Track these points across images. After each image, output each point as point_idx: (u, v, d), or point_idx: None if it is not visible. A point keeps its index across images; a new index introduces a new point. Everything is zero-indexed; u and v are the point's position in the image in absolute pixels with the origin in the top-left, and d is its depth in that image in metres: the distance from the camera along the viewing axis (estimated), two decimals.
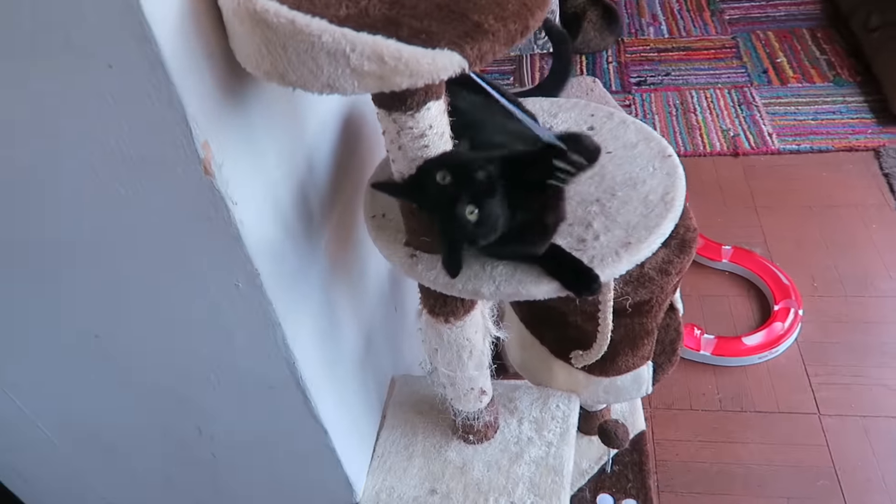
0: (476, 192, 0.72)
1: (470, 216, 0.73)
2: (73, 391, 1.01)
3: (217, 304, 0.83)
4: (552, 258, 0.84)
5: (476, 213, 0.73)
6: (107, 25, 0.58)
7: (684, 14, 3.13)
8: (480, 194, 0.72)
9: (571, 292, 0.82)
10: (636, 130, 1.02)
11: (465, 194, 0.72)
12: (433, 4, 0.61)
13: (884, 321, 1.76)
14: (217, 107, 0.68)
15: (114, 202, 0.73)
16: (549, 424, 1.20)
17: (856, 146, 2.30)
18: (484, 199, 0.72)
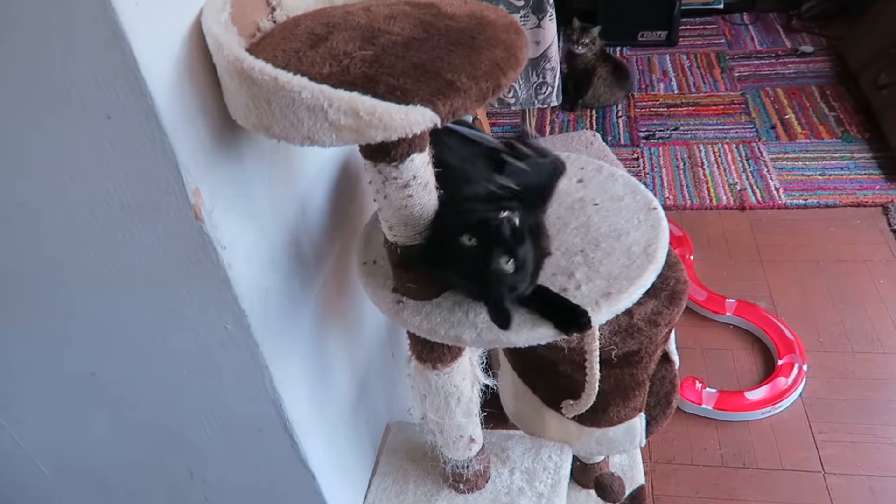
0: (507, 244, 0.75)
1: (507, 266, 0.75)
2: (70, 428, 1.04)
3: (207, 345, 0.85)
4: (540, 298, 0.86)
5: (512, 263, 0.76)
6: (106, 80, 0.62)
7: (694, 71, 3.19)
8: (511, 245, 0.75)
9: (561, 330, 0.83)
10: (624, 184, 1.05)
11: (497, 249, 0.75)
12: (410, 64, 0.65)
13: (891, 378, 1.73)
14: (209, 155, 0.72)
15: (111, 245, 0.76)
16: (540, 475, 1.20)
17: (864, 202, 2.30)
18: (515, 249, 0.75)
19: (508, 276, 0.76)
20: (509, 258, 0.75)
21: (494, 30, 0.70)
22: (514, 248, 0.75)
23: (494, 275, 0.76)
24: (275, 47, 0.71)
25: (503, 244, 0.75)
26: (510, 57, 0.67)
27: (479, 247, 0.76)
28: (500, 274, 0.75)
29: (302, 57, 0.68)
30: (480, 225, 0.76)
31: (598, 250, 0.93)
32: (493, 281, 0.77)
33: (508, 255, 0.75)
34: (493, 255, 0.75)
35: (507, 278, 0.76)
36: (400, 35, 0.69)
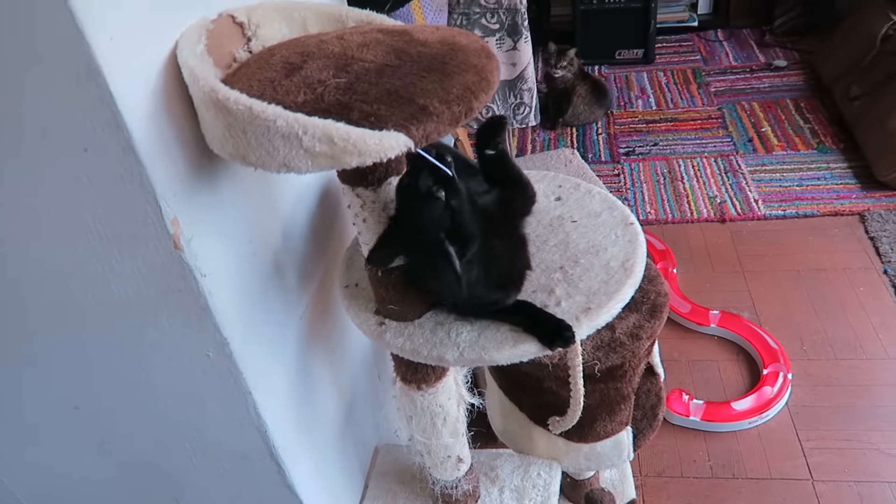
0: (436, 178, 0.74)
1: (436, 193, 0.74)
2: (52, 461, 1.03)
3: (190, 374, 0.85)
4: (524, 313, 0.87)
5: (442, 194, 0.74)
6: (82, 114, 0.63)
7: (672, 87, 3.24)
8: (440, 179, 0.74)
9: (545, 345, 0.84)
10: (601, 200, 1.06)
11: (423, 174, 0.74)
12: (383, 90, 0.66)
13: (874, 384, 1.75)
14: (187, 185, 0.73)
15: (90, 277, 0.77)
16: (530, 493, 1.20)
17: (841, 211, 2.34)
18: (445, 185, 0.74)
19: (440, 209, 0.74)
20: (439, 187, 0.74)
21: (466, 55, 0.71)
22: (444, 183, 0.74)
23: (425, 200, 0.74)
24: (250, 77, 0.72)
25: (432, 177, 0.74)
26: (482, 81, 0.69)
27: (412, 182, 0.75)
28: (431, 200, 0.73)
29: (277, 86, 0.69)
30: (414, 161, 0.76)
31: (577, 266, 0.94)
32: (425, 213, 0.75)
33: (438, 185, 0.74)
34: (421, 177, 0.74)
35: (440, 212, 0.74)
36: (373, 62, 0.70)
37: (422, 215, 0.76)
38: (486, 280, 0.83)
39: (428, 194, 0.74)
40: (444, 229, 0.75)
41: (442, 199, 0.75)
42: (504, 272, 0.86)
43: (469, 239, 0.77)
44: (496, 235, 0.83)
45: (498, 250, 0.84)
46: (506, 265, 0.86)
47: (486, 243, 0.80)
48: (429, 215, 0.75)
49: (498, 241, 0.84)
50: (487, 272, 0.82)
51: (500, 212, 0.85)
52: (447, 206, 0.75)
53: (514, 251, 0.88)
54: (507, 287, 0.87)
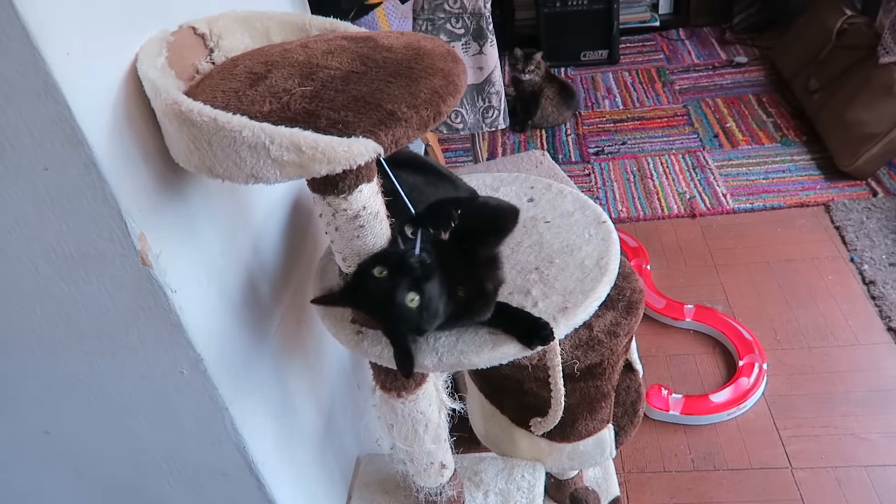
0: (414, 279, 0.75)
1: (411, 304, 0.75)
2: (25, 487, 1.00)
3: (163, 392, 0.83)
4: (501, 315, 0.87)
5: (417, 300, 0.75)
6: (41, 132, 0.62)
7: (637, 86, 3.28)
8: (418, 280, 0.75)
9: (524, 344, 0.84)
10: (573, 200, 1.07)
11: (404, 282, 0.74)
12: (350, 97, 0.66)
13: (847, 370, 1.78)
14: (153, 200, 0.72)
15: (56, 298, 0.75)
16: (515, 496, 1.19)
17: (806, 202, 2.38)
18: (422, 284, 0.75)
19: (412, 313, 0.75)
20: (415, 294, 0.74)
21: (432, 59, 0.71)
22: (420, 283, 0.75)
23: (398, 308, 0.74)
24: (214, 88, 0.71)
25: (410, 277, 0.74)
26: (449, 84, 0.69)
27: (386, 280, 0.75)
28: (404, 308, 0.75)
29: (241, 96, 0.68)
30: (390, 257, 0.77)
31: (553, 267, 0.94)
32: (395, 316, 0.76)
33: (414, 291, 0.75)
34: (400, 287, 0.74)
35: (411, 315, 0.75)
36: (338, 69, 0.70)
37: (392, 316, 0.77)
38: (452, 318, 0.83)
39: (402, 305, 0.75)
40: (411, 328, 0.78)
41: (415, 307, 0.75)
42: (479, 299, 0.85)
43: (429, 327, 0.79)
44: (462, 282, 0.82)
45: (464, 294, 0.82)
46: (480, 294, 0.85)
47: (450, 294, 0.80)
48: (400, 316, 0.76)
49: (462, 288, 0.82)
50: (463, 304, 0.82)
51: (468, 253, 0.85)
52: (419, 307, 0.76)
53: (485, 274, 0.86)
54: (482, 310, 0.86)
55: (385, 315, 0.79)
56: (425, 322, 0.78)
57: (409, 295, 0.75)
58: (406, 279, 0.75)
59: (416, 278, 0.75)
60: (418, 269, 0.75)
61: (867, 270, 2.06)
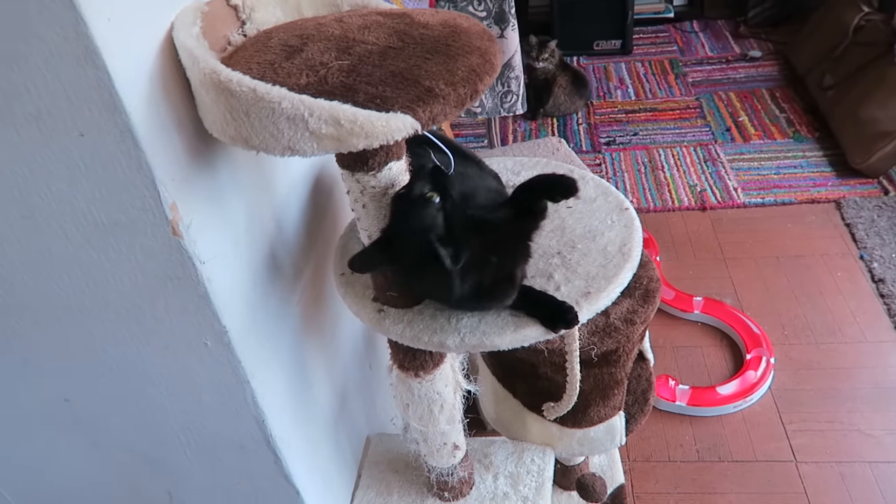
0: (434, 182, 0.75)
1: (430, 197, 0.74)
2: (41, 456, 1.00)
3: (186, 363, 0.84)
4: (525, 298, 0.86)
5: (436, 198, 0.74)
6: (78, 97, 0.61)
7: (650, 77, 3.27)
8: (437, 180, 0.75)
9: (548, 328, 0.84)
10: (595, 186, 1.07)
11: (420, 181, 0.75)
12: (388, 72, 0.66)
13: (854, 366, 1.79)
14: (185, 170, 0.72)
15: (85, 266, 0.75)
16: (524, 479, 1.20)
17: (817, 198, 2.38)
18: (442, 183, 0.75)
19: (434, 212, 0.74)
20: (432, 191, 0.74)
21: (468, 37, 0.71)
22: (441, 182, 0.75)
23: (419, 203, 0.74)
24: (248, 60, 0.71)
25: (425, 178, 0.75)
26: (485, 63, 0.69)
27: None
28: (426, 202, 0.74)
29: (278, 68, 0.68)
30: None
31: (575, 251, 0.94)
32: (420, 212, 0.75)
33: (431, 187, 0.75)
34: (416, 182, 0.75)
35: (433, 214, 0.74)
36: (375, 44, 0.69)
37: (416, 219, 0.75)
38: (477, 295, 0.82)
39: (421, 198, 0.74)
40: (437, 233, 0.75)
41: (436, 203, 0.75)
42: (497, 288, 0.84)
43: (462, 243, 0.76)
44: (496, 252, 0.81)
45: (493, 266, 0.81)
46: (507, 278, 0.84)
47: (483, 258, 0.79)
48: (422, 219, 0.75)
49: (496, 258, 0.81)
50: (480, 287, 0.81)
51: (510, 230, 0.84)
52: (441, 209, 0.75)
53: (514, 259, 0.85)
54: (508, 294, 0.85)
55: (409, 223, 0.76)
56: (451, 228, 0.75)
57: (427, 191, 0.74)
58: (424, 181, 0.76)
59: (435, 183, 0.75)
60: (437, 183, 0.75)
61: (876, 268, 2.06)
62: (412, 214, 0.75)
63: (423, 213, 0.75)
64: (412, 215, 0.75)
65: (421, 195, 0.74)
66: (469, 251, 0.76)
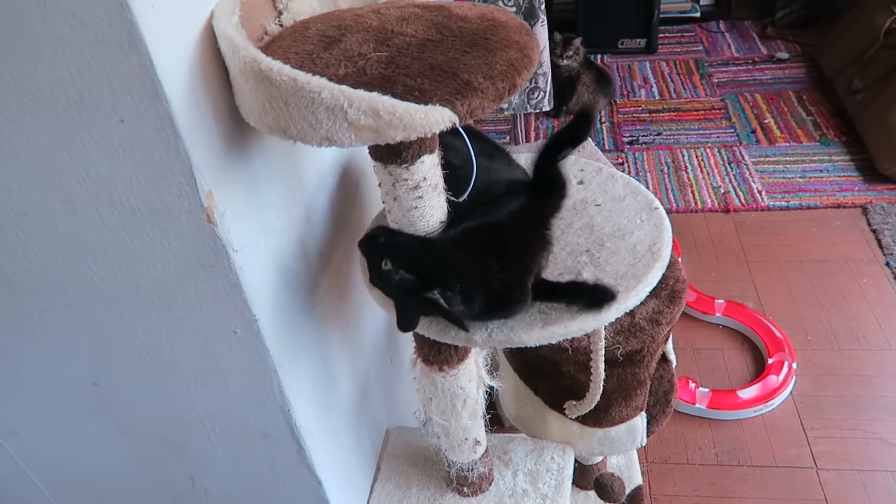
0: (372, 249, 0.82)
1: (385, 266, 0.79)
2: (68, 439, 1.02)
3: (214, 351, 0.84)
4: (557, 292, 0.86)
5: (389, 263, 0.79)
6: (120, 83, 0.62)
7: (674, 77, 3.24)
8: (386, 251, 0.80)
9: (594, 308, 0.84)
10: (624, 184, 1.06)
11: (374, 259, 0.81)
12: (426, 64, 0.65)
13: (877, 374, 1.77)
14: (221, 159, 0.72)
15: (119, 251, 0.75)
16: (543, 477, 1.20)
17: (843, 203, 2.35)
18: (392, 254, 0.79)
19: (390, 275, 0.79)
20: (386, 260, 0.79)
21: (507, 31, 0.70)
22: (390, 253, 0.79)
23: (382, 276, 0.80)
24: (286, 50, 0.71)
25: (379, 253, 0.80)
26: (524, 57, 0.68)
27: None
28: (385, 273, 0.79)
29: (316, 59, 0.68)
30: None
31: (604, 250, 0.94)
32: (383, 281, 0.81)
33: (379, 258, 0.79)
34: (370, 263, 0.81)
35: (391, 277, 0.79)
36: (414, 36, 0.69)
37: (393, 293, 0.83)
38: (490, 307, 0.83)
39: (379, 274, 0.80)
40: (415, 288, 0.79)
41: (391, 269, 0.79)
42: (509, 291, 0.84)
43: (444, 277, 0.79)
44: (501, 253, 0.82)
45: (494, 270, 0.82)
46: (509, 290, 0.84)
47: (482, 268, 0.80)
48: (397, 290, 0.81)
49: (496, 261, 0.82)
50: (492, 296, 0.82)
51: (519, 223, 0.84)
52: (399, 269, 0.79)
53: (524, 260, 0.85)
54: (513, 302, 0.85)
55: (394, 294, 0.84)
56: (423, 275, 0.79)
57: (384, 264, 0.79)
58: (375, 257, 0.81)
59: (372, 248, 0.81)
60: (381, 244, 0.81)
61: None
62: (387, 290, 0.83)
63: (393, 286, 0.80)
64: (388, 290, 0.83)
65: (378, 272, 0.80)
66: (456, 282, 0.79)
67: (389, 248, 0.80)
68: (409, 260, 0.79)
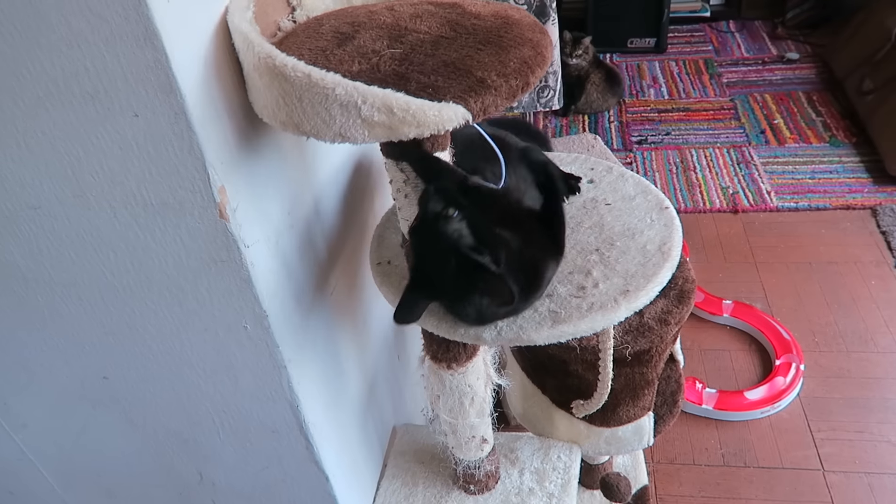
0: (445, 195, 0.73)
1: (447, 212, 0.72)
2: (78, 432, 1.02)
3: (225, 346, 0.85)
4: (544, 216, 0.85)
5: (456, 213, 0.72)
6: (135, 78, 0.62)
7: (683, 77, 3.23)
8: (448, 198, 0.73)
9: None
10: (634, 184, 1.06)
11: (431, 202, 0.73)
12: (440, 62, 0.65)
13: (885, 377, 1.76)
14: (234, 154, 0.72)
15: (131, 246, 0.76)
16: (550, 475, 1.20)
17: (853, 204, 2.34)
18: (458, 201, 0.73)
19: (456, 225, 0.72)
20: (446, 206, 0.72)
21: (520, 29, 0.70)
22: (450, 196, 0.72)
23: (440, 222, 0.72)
24: (300, 46, 0.71)
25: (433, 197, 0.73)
26: (537, 55, 0.68)
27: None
28: (446, 218, 0.71)
29: (329, 55, 0.68)
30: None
31: (614, 249, 0.94)
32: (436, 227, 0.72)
33: (445, 204, 0.72)
34: (428, 204, 0.72)
35: (456, 227, 0.71)
36: (427, 33, 0.69)
37: (445, 239, 0.72)
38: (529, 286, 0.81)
39: (440, 216, 0.72)
40: (468, 244, 0.72)
41: (456, 216, 0.72)
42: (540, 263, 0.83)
43: (497, 244, 0.74)
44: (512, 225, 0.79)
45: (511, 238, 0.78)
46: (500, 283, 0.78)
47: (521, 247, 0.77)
48: (449, 237, 0.72)
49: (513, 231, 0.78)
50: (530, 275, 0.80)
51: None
52: (463, 219, 0.72)
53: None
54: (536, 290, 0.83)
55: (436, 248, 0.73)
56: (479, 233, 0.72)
57: (442, 209, 0.71)
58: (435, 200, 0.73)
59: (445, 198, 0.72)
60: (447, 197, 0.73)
61: None
62: (438, 236, 0.73)
63: (448, 231, 0.72)
64: (439, 237, 0.73)
65: (437, 214, 0.72)
66: (504, 248, 0.74)
67: (459, 199, 0.72)
68: (473, 216, 0.72)
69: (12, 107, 0.65)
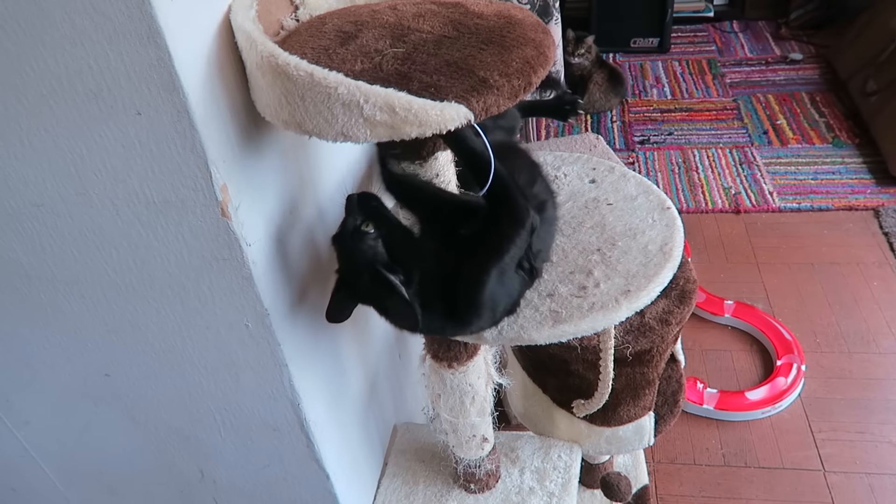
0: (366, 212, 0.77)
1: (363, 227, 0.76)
2: (80, 430, 1.02)
3: (226, 344, 0.85)
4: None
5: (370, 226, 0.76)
6: (138, 76, 0.62)
7: (686, 77, 3.23)
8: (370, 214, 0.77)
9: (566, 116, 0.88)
10: (636, 184, 1.06)
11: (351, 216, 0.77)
12: (442, 61, 0.66)
13: (887, 378, 1.76)
14: (236, 152, 0.72)
15: (133, 244, 0.76)
16: (550, 475, 1.20)
17: (855, 206, 2.34)
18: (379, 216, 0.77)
19: (372, 242, 0.75)
20: (365, 220, 0.75)
21: (523, 28, 0.70)
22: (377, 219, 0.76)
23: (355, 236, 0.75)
24: (303, 45, 0.71)
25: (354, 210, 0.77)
26: (540, 55, 0.68)
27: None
28: (360, 234, 0.75)
29: (332, 54, 0.68)
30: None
31: (615, 249, 0.94)
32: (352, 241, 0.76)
33: (364, 218, 0.76)
34: (348, 218, 0.76)
35: (371, 244, 0.75)
36: (430, 33, 0.69)
37: (357, 254, 0.76)
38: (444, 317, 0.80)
39: (356, 231, 0.76)
40: (381, 262, 0.76)
41: (371, 233, 0.76)
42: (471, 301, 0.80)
43: (411, 265, 0.76)
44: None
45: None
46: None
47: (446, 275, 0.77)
48: (363, 253, 0.76)
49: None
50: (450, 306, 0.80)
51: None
52: (379, 237, 0.76)
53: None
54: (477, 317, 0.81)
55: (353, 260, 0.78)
56: (395, 253, 0.76)
57: (361, 223, 0.75)
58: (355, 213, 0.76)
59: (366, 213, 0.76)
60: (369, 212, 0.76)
61: None
62: (352, 250, 0.77)
63: (362, 247, 0.76)
64: (352, 251, 0.77)
65: (355, 229, 0.76)
66: (420, 270, 0.76)
67: (380, 215, 0.77)
68: (391, 235, 0.76)
69: (16, 104, 0.66)
